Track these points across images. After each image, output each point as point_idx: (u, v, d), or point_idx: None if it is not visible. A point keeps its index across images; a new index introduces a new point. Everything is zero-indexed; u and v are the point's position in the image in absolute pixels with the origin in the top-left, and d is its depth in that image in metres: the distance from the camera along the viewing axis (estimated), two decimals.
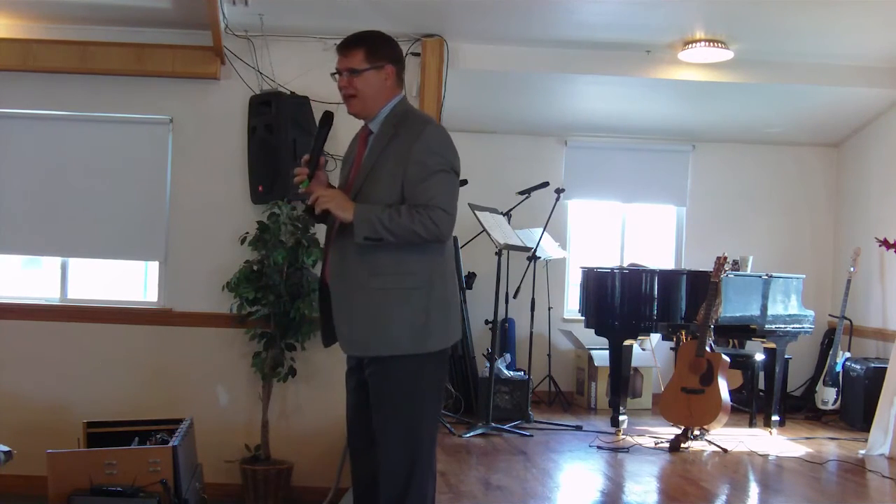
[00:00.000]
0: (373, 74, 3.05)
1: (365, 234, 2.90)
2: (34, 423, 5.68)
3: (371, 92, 3.05)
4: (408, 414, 3.01)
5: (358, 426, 3.17)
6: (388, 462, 3.01)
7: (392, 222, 2.90)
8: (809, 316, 6.14)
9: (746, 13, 5.42)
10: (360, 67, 3.04)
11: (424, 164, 2.96)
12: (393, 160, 2.99)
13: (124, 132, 6.04)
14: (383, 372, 3.00)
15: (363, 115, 3.10)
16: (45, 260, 6.25)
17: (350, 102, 3.07)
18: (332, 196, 2.95)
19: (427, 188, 2.95)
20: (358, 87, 3.03)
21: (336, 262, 3.03)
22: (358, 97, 3.04)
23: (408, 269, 2.97)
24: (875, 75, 6.28)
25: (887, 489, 4.60)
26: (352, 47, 3.05)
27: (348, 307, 3.00)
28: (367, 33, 3.13)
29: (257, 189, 5.81)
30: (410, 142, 2.99)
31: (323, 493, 5.53)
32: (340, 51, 3.07)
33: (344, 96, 3.07)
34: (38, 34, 5.84)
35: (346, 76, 3.04)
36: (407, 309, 2.97)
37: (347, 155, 3.25)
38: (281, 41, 5.93)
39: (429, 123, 3.07)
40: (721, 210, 7.47)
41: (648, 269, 5.90)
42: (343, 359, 3.24)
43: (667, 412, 5.51)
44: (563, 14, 5.58)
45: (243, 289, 5.59)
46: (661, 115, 7.04)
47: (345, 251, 3.00)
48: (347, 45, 3.07)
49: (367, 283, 2.96)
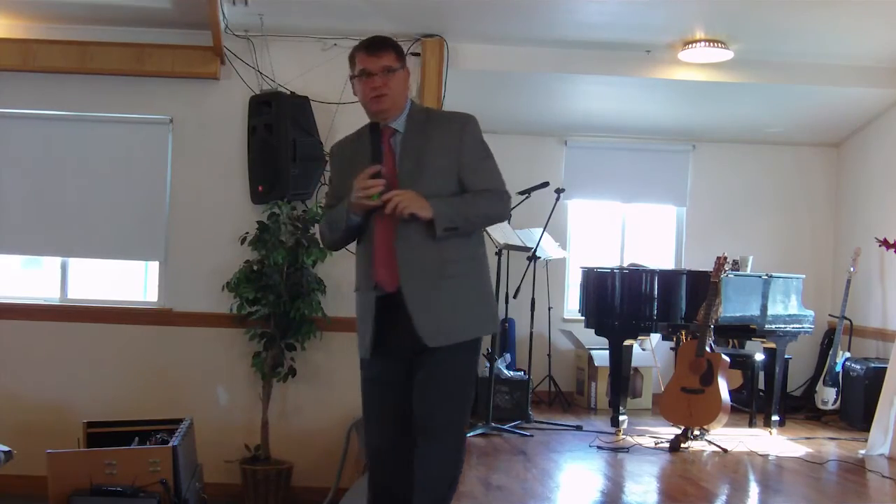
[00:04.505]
0: (401, 74, 3.11)
1: (445, 225, 2.98)
2: (34, 423, 5.68)
3: (399, 91, 3.10)
4: (465, 398, 3.16)
5: (390, 425, 3.12)
6: (443, 448, 3.05)
7: (468, 210, 3.04)
8: (809, 316, 6.14)
9: (746, 13, 5.43)
10: (395, 66, 3.09)
11: (479, 152, 3.12)
12: (440, 154, 3.07)
13: (124, 132, 6.04)
14: (453, 357, 3.06)
15: (390, 114, 3.10)
16: (45, 260, 6.25)
17: (382, 101, 3.06)
18: (411, 198, 2.95)
19: (488, 173, 3.13)
20: (391, 85, 3.06)
21: (407, 261, 3.02)
22: (389, 95, 3.07)
23: (469, 255, 3.11)
24: (875, 75, 6.28)
25: (887, 489, 4.60)
26: (383, 48, 3.09)
27: (428, 299, 3.01)
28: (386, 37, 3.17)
29: (257, 189, 5.81)
30: (457, 134, 3.10)
31: (323, 493, 5.53)
32: (372, 51, 3.07)
33: (375, 96, 3.06)
34: (38, 34, 5.84)
35: (383, 75, 3.05)
36: (474, 294, 3.11)
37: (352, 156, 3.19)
38: (281, 41, 5.93)
39: (468, 115, 3.17)
40: (721, 210, 7.47)
41: (648, 269, 5.90)
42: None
43: (667, 412, 5.51)
44: (563, 14, 5.58)
45: (243, 289, 5.59)
46: (661, 115, 7.04)
47: (413, 248, 3.01)
48: (380, 46, 3.09)
49: (444, 272, 3.03)
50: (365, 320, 3.10)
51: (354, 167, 3.08)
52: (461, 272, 3.07)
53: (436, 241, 2.99)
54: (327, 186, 3.32)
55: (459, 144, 3.09)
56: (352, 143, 3.24)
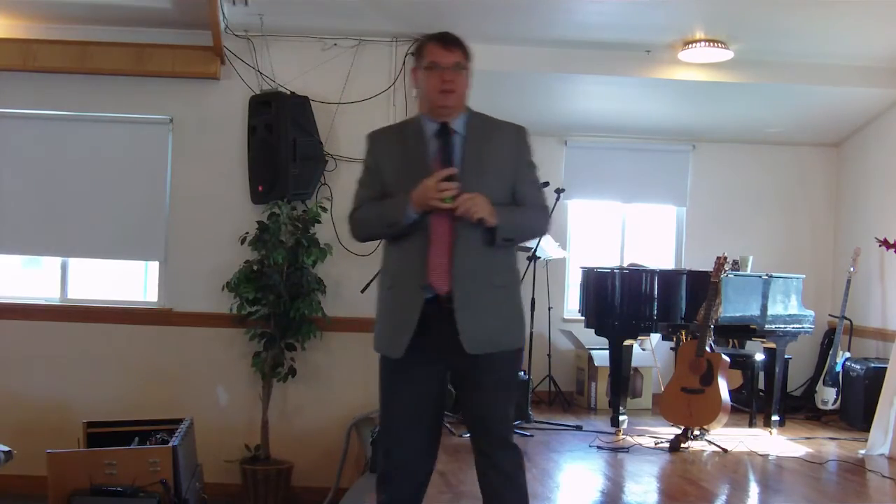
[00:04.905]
0: (467, 74, 3.07)
1: (504, 235, 2.97)
2: (34, 423, 5.68)
3: (464, 90, 3.05)
4: (511, 408, 3.15)
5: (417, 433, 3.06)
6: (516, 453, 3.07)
7: (523, 222, 3.06)
8: (809, 316, 6.14)
9: (746, 13, 5.42)
10: (465, 64, 3.04)
11: (531, 165, 3.15)
12: (500, 162, 3.05)
13: (124, 132, 6.04)
14: (497, 367, 3.04)
15: (452, 112, 3.05)
16: (45, 260, 6.25)
17: (449, 96, 3.00)
18: (482, 202, 2.91)
19: (537, 187, 3.18)
20: (458, 82, 3.01)
21: (463, 264, 2.97)
22: (457, 92, 3.01)
23: (511, 266, 3.11)
24: (875, 75, 6.27)
25: (887, 489, 4.60)
26: (456, 44, 3.03)
27: (478, 306, 2.98)
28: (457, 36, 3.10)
29: (257, 189, 5.81)
30: (515, 144, 3.11)
31: (323, 493, 5.53)
32: (445, 45, 3.01)
33: (445, 90, 2.99)
34: (38, 34, 5.84)
35: (453, 70, 2.99)
36: (514, 305, 3.10)
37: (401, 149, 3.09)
38: (281, 41, 5.93)
39: (522, 126, 3.16)
40: (721, 210, 7.47)
41: (648, 269, 5.90)
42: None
43: (667, 412, 5.51)
44: (563, 14, 5.58)
45: (243, 289, 5.59)
46: (661, 115, 7.03)
47: (469, 252, 2.98)
48: (453, 42, 3.03)
49: (492, 281, 3.01)
50: (401, 319, 2.98)
51: (405, 162, 3.03)
52: (505, 282, 3.06)
53: (489, 249, 2.98)
54: (362, 173, 3.17)
55: (517, 155, 3.10)
56: (397, 134, 3.16)
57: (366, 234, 3.17)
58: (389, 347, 3.01)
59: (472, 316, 2.95)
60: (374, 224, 3.08)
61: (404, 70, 5.99)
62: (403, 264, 3.02)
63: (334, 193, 5.93)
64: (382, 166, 3.09)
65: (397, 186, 3.00)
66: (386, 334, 3.04)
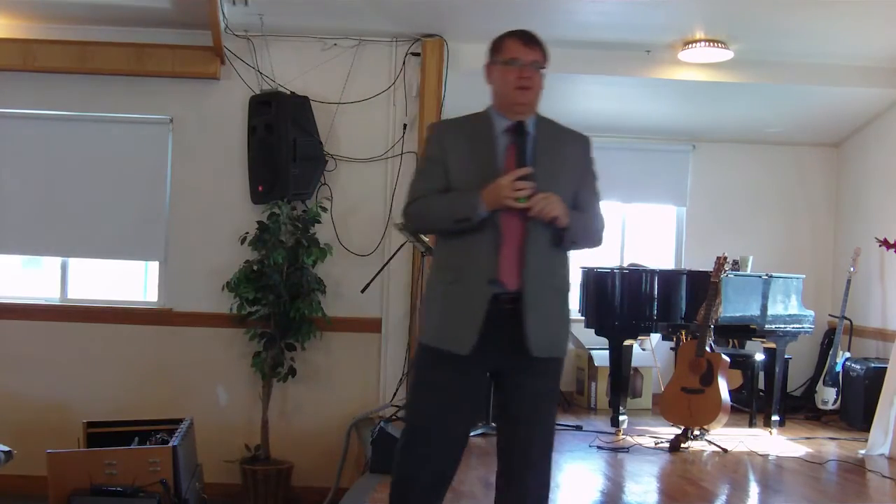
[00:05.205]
0: (543, 74, 3.04)
1: (573, 238, 2.97)
2: (34, 423, 5.68)
3: (539, 90, 3.01)
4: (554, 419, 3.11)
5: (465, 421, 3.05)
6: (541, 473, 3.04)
7: (587, 228, 3.04)
8: (809, 316, 6.14)
9: (746, 13, 5.42)
10: (543, 64, 3.02)
11: (595, 175, 3.12)
12: (568, 166, 3.03)
13: (124, 132, 6.04)
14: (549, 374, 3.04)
15: (527, 111, 3.02)
16: (45, 260, 6.25)
17: (527, 93, 2.97)
18: (556, 203, 2.88)
19: (597, 198, 3.12)
20: (535, 80, 2.98)
21: (532, 263, 2.94)
22: (532, 90, 2.98)
23: (567, 271, 3.10)
24: (875, 75, 6.27)
25: (887, 489, 4.60)
26: (536, 43, 3.00)
27: (542, 307, 2.95)
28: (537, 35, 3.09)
29: (257, 189, 5.81)
30: (583, 151, 3.09)
31: (323, 493, 5.53)
32: (527, 42, 2.99)
33: (523, 87, 2.96)
34: (38, 34, 5.84)
35: (532, 67, 2.97)
36: (566, 311, 3.09)
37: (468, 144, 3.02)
38: (281, 41, 5.93)
39: (587, 136, 3.14)
40: (721, 210, 7.46)
41: (648, 269, 5.90)
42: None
43: (667, 412, 5.51)
44: (563, 14, 5.58)
45: (243, 289, 5.59)
46: (661, 115, 7.03)
47: (539, 252, 2.95)
48: (534, 40, 3.01)
49: (553, 283, 3.00)
50: (467, 313, 2.90)
51: (474, 157, 2.98)
52: (562, 286, 3.05)
53: (554, 251, 2.98)
54: (423, 164, 3.09)
55: (584, 163, 3.09)
56: (465, 128, 3.09)
57: (427, 226, 3.13)
58: (453, 342, 2.92)
59: (538, 317, 2.93)
60: (440, 218, 2.99)
61: (404, 70, 5.99)
62: (470, 259, 2.94)
63: (334, 193, 5.93)
64: (449, 159, 3.00)
65: (464, 181, 2.95)
66: (448, 328, 2.95)
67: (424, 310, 3.14)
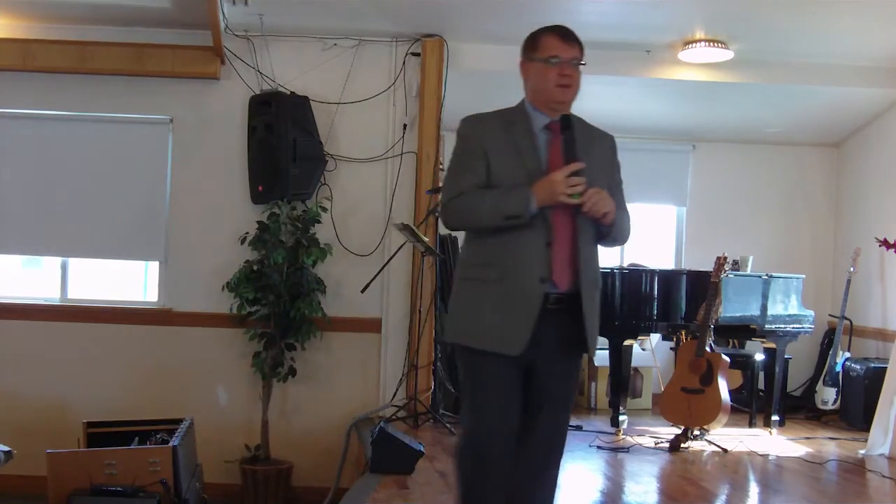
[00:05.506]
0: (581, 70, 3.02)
1: (615, 234, 2.97)
2: (34, 423, 5.68)
3: (579, 86, 3.00)
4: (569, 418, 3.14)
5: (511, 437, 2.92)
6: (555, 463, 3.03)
7: (624, 225, 3.02)
8: (809, 316, 6.14)
9: (746, 13, 5.42)
10: (582, 60, 2.99)
11: (620, 173, 3.13)
12: (601, 163, 3.03)
13: (124, 132, 6.04)
14: (575, 370, 3.06)
15: (567, 108, 3.02)
16: (45, 260, 6.25)
17: (568, 91, 2.96)
18: (606, 199, 2.87)
19: (623, 196, 3.10)
20: (575, 77, 2.97)
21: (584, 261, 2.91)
22: (573, 88, 2.97)
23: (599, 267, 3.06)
24: (875, 75, 6.27)
25: (887, 489, 4.60)
26: (574, 39, 2.98)
27: (591, 304, 2.93)
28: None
29: (257, 189, 5.81)
30: (611, 150, 3.11)
31: (323, 493, 5.53)
32: (566, 39, 2.97)
33: (564, 85, 2.94)
34: (38, 34, 5.84)
35: (573, 64, 2.95)
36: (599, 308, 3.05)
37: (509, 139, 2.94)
38: (281, 41, 5.93)
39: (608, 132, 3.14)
40: (721, 210, 7.47)
41: (648, 269, 5.90)
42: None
43: (667, 412, 5.51)
44: (563, 14, 5.55)
45: (243, 289, 5.59)
46: (661, 115, 7.03)
47: (587, 249, 2.94)
48: (573, 36, 2.99)
49: (595, 281, 2.98)
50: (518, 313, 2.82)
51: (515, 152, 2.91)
52: (599, 282, 3.02)
53: (594, 247, 2.97)
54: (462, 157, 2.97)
55: (614, 161, 3.11)
56: (502, 122, 3.00)
57: (471, 223, 2.95)
58: (504, 343, 2.83)
59: (591, 314, 2.91)
60: (487, 214, 2.87)
61: (404, 70, 5.99)
62: (518, 257, 2.85)
63: (334, 193, 5.93)
64: (490, 153, 2.92)
65: (508, 177, 2.88)
66: (497, 329, 2.85)
67: (458, 310, 2.99)
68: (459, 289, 3.01)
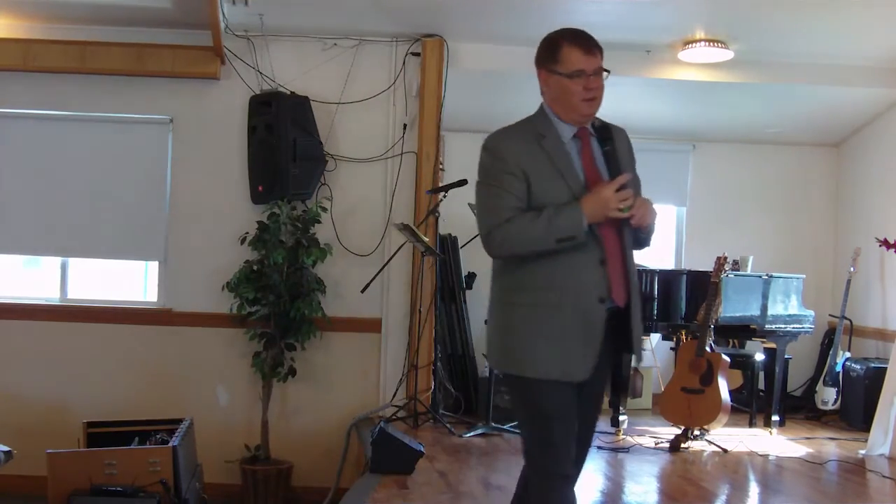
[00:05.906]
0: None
1: (649, 241, 2.96)
2: (34, 423, 5.68)
3: (603, 94, 2.85)
4: None
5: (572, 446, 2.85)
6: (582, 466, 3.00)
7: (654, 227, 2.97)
8: (809, 316, 6.14)
9: (746, 13, 5.42)
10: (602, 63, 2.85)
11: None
12: (627, 162, 2.94)
13: (124, 132, 6.04)
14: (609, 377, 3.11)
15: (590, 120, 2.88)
16: (45, 260, 6.25)
17: (594, 104, 2.83)
18: (649, 208, 2.83)
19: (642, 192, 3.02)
20: (600, 88, 2.83)
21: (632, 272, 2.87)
22: (598, 100, 2.83)
23: None
24: (875, 75, 6.27)
25: (887, 489, 4.59)
26: (596, 47, 2.83)
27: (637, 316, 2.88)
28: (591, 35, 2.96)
29: (257, 189, 5.81)
30: (628, 144, 2.98)
31: (323, 493, 5.53)
32: (588, 49, 2.81)
33: (591, 98, 2.80)
34: (38, 34, 5.84)
35: (597, 76, 2.81)
36: None
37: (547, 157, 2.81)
38: (281, 41, 5.93)
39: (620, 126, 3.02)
40: (721, 210, 7.46)
41: (648, 268, 5.90)
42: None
43: (667, 412, 5.51)
44: (563, 14, 5.57)
45: (243, 289, 5.59)
46: (661, 115, 7.03)
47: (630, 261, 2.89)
48: (595, 45, 2.83)
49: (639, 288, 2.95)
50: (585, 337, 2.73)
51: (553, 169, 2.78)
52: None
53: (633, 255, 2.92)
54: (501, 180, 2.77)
55: (632, 155, 2.99)
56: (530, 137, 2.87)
57: (521, 250, 2.75)
58: (566, 371, 2.72)
59: (638, 325, 2.87)
60: (538, 239, 2.71)
61: (404, 70, 5.99)
62: (575, 278, 2.73)
63: (334, 193, 5.93)
64: (530, 174, 2.77)
65: (551, 196, 2.74)
66: (563, 358, 2.72)
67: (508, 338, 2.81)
68: (506, 314, 2.84)
